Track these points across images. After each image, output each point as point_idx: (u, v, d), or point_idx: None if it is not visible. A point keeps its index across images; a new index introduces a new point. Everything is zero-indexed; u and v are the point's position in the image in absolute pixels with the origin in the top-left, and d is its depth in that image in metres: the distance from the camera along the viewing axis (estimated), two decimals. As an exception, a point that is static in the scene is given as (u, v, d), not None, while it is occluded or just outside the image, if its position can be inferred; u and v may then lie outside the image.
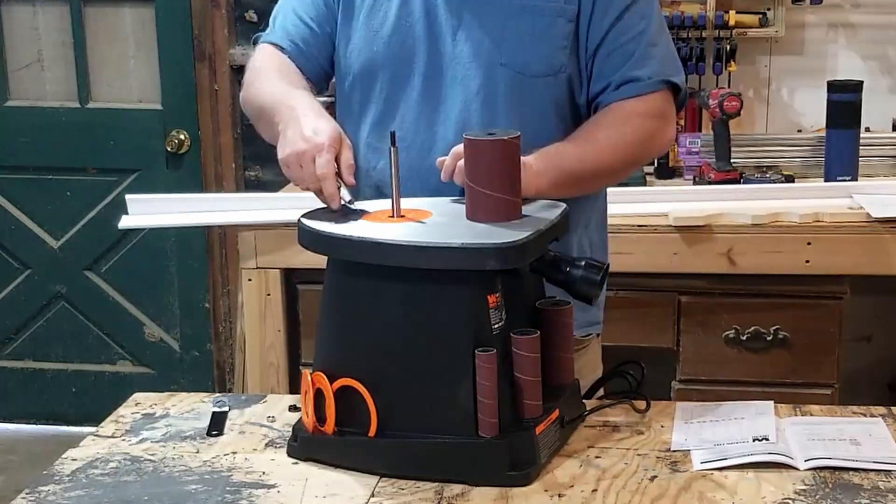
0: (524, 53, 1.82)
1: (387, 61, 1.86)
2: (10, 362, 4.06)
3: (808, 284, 2.74)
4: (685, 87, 1.90)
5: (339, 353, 1.59)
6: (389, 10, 1.86)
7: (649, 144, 1.88)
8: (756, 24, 3.31)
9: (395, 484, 1.55)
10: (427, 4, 1.85)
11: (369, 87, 1.89)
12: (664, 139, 1.91)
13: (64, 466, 1.64)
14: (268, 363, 2.93)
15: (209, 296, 3.87)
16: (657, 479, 1.54)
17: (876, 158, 3.12)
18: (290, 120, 1.69)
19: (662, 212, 2.78)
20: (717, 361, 2.80)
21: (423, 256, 1.50)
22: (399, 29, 1.85)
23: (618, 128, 1.82)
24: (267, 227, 2.84)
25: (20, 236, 3.94)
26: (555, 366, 1.63)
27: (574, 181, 1.77)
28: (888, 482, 1.52)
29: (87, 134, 3.81)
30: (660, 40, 1.87)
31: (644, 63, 1.83)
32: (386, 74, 1.87)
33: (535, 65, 1.82)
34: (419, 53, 1.85)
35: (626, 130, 1.82)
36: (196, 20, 3.66)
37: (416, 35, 1.85)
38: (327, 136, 1.63)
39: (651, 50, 1.84)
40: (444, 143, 1.80)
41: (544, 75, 1.83)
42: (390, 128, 1.85)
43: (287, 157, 1.66)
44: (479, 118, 1.82)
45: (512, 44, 1.82)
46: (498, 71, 1.82)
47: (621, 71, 1.83)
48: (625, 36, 1.83)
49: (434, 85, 1.85)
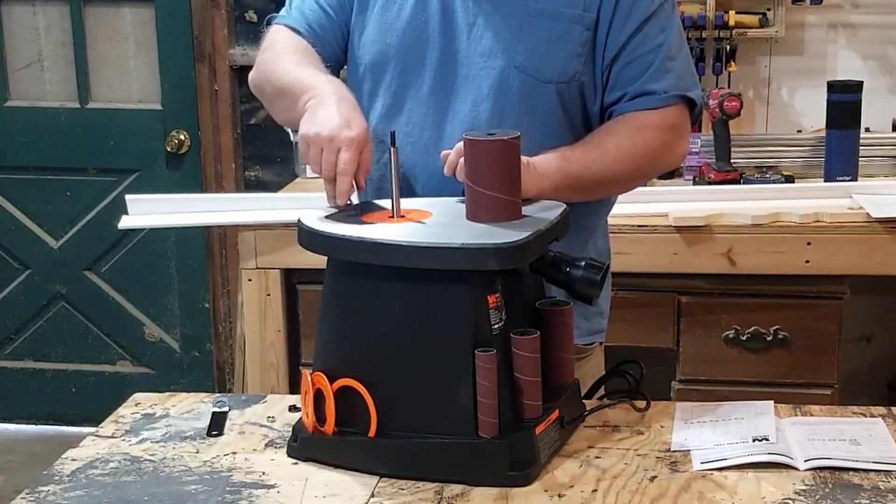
0: (538, 58, 1.80)
1: (399, 54, 1.85)
2: (10, 362, 4.06)
3: (808, 284, 2.74)
4: (701, 103, 1.88)
5: (339, 353, 1.59)
6: (406, 3, 1.85)
7: (660, 157, 1.85)
8: (756, 24, 3.32)
9: (395, 484, 1.55)
10: (444, 1, 1.84)
11: (379, 79, 1.88)
12: (676, 154, 1.88)
13: (64, 466, 1.64)
14: (268, 363, 2.93)
15: (209, 296, 3.88)
16: (657, 480, 1.54)
17: (876, 158, 3.13)
18: (324, 100, 1.66)
19: (662, 212, 2.78)
20: (717, 361, 2.80)
21: (423, 256, 1.50)
22: (414, 23, 1.84)
23: (629, 138, 1.80)
24: (267, 227, 2.84)
25: (20, 236, 3.94)
26: (555, 366, 1.63)
27: (578, 187, 1.76)
28: (888, 482, 1.52)
29: (87, 134, 3.82)
30: (679, 54, 1.84)
31: (661, 76, 1.81)
32: (397, 67, 1.86)
33: (548, 70, 1.81)
34: (432, 49, 1.84)
35: (638, 141, 1.80)
36: (196, 20, 3.66)
37: (431, 31, 1.83)
38: (358, 131, 1.62)
39: (669, 63, 1.82)
40: (451, 141, 1.79)
41: (557, 81, 1.81)
42: (398, 121, 1.85)
43: (312, 136, 1.62)
44: (488, 118, 1.81)
45: (527, 47, 1.80)
46: (511, 73, 1.80)
47: (637, 83, 1.81)
48: (643, 48, 1.81)
49: (445, 82, 1.84)
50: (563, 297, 1.65)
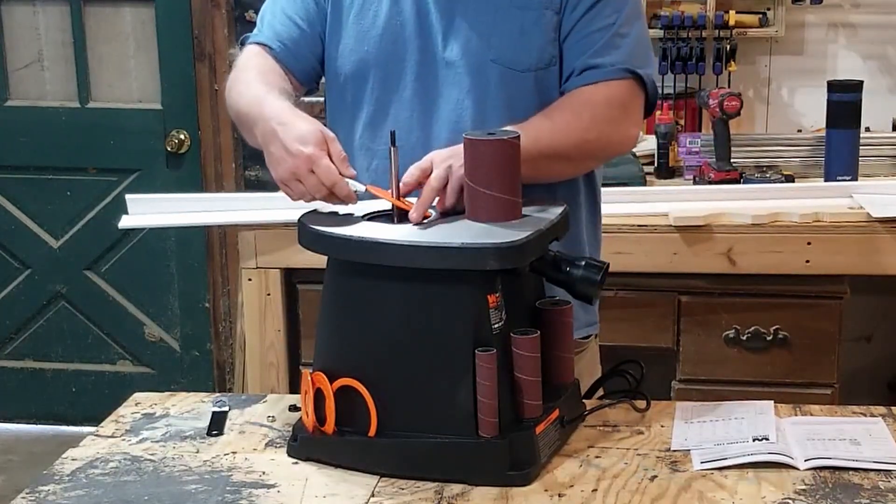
0: (514, 48, 1.82)
1: (378, 61, 1.86)
2: (10, 362, 4.06)
3: (808, 284, 2.74)
4: (653, 83, 1.85)
5: (339, 353, 1.59)
6: (380, 9, 1.86)
7: (607, 135, 1.82)
8: (756, 24, 3.32)
9: (395, 484, 1.55)
10: (418, 3, 1.84)
11: (361, 88, 1.88)
12: (623, 133, 1.84)
13: (64, 466, 1.64)
14: (268, 363, 2.93)
15: (209, 296, 3.88)
16: (657, 479, 1.54)
17: (876, 158, 3.12)
18: (268, 134, 1.65)
19: (662, 212, 2.78)
20: (717, 361, 2.80)
21: (423, 256, 1.50)
22: (390, 28, 1.85)
23: (576, 112, 1.78)
24: (267, 227, 2.84)
25: (20, 236, 3.94)
26: (555, 366, 1.63)
27: (527, 159, 1.68)
28: (888, 482, 1.52)
29: (87, 134, 3.82)
30: (631, 32, 1.84)
31: (608, 52, 1.80)
32: (378, 74, 1.86)
33: (526, 59, 1.82)
34: (410, 52, 1.84)
35: (584, 115, 1.78)
36: (196, 20, 3.67)
37: (408, 34, 1.84)
38: (312, 142, 1.60)
39: (618, 40, 1.81)
40: (438, 142, 1.80)
41: (535, 69, 1.82)
42: (383, 128, 1.85)
43: (282, 178, 1.63)
44: (470, 115, 1.82)
45: (502, 40, 1.81)
46: (488, 67, 1.81)
47: (583, 57, 1.81)
48: (593, 26, 1.81)
49: (426, 84, 1.84)
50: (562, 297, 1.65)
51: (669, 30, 3.30)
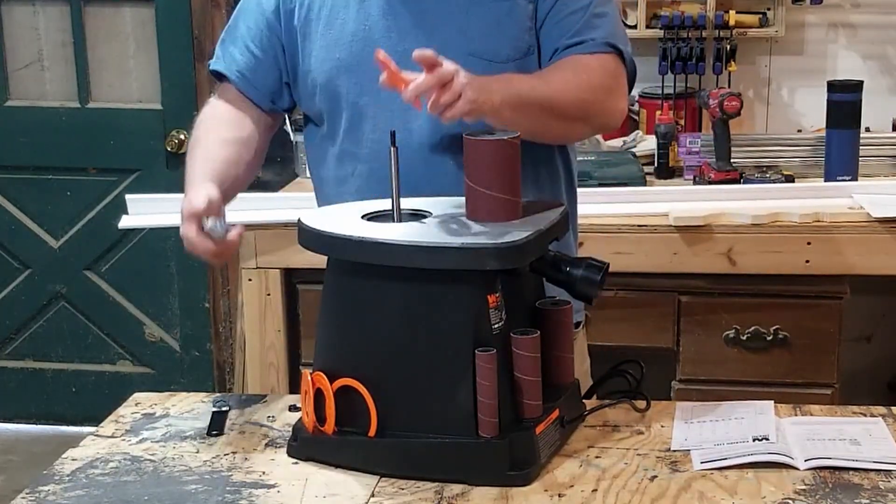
0: (492, 40, 1.82)
1: (350, 66, 1.86)
2: (10, 362, 4.06)
3: (808, 284, 2.74)
4: (632, 61, 1.87)
5: (339, 353, 1.59)
6: (347, 17, 1.86)
7: (601, 101, 1.83)
8: (756, 24, 3.32)
9: (395, 484, 1.55)
10: (385, 5, 1.84)
11: (336, 95, 1.88)
12: (614, 103, 1.85)
13: (64, 466, 1.64)
14: (268, 363, 2.93)
15: (209, 296, 3.87)
16: (657, 479, 1.54)
17: (876, 158, 3.12)
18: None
19: (662, 212, 2.78)
20: (717, 361, 2.80)
21: (423, 256, 1.50)
22: (359, 33, 1.85)
23: (575, 72, 1.80)
24: (267, 227, 2.84)
25: (20, 236, 3.94)
26: (555, 366, 1.63)
27: (521, 105, 1.71)
28: (888, 482, 1.52)
29: (87, 134, 3.81)
30: (606, 13, 1.87)
31: (588, 31, 1.83)
32: (351, 79, 1.86)
33: (504, 50, 1.82)
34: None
35: (583, 77, 1.80)
36: (196, 20, 3.66)
37: (378, 36, 1.84)
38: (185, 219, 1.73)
39: (595, 20, 1.84)
40: (420, 142, 1.80)
41: (514, 59, 1.82)
42: (364, 129, 1.86)
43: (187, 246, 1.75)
44: None
45: (479, 32, 1.82)
46: (467, 61, 1.78)
47: (564, 39, 1.83)
48: (568, 8, 1.83)
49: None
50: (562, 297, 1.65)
51: (669, 30, 3.30)
